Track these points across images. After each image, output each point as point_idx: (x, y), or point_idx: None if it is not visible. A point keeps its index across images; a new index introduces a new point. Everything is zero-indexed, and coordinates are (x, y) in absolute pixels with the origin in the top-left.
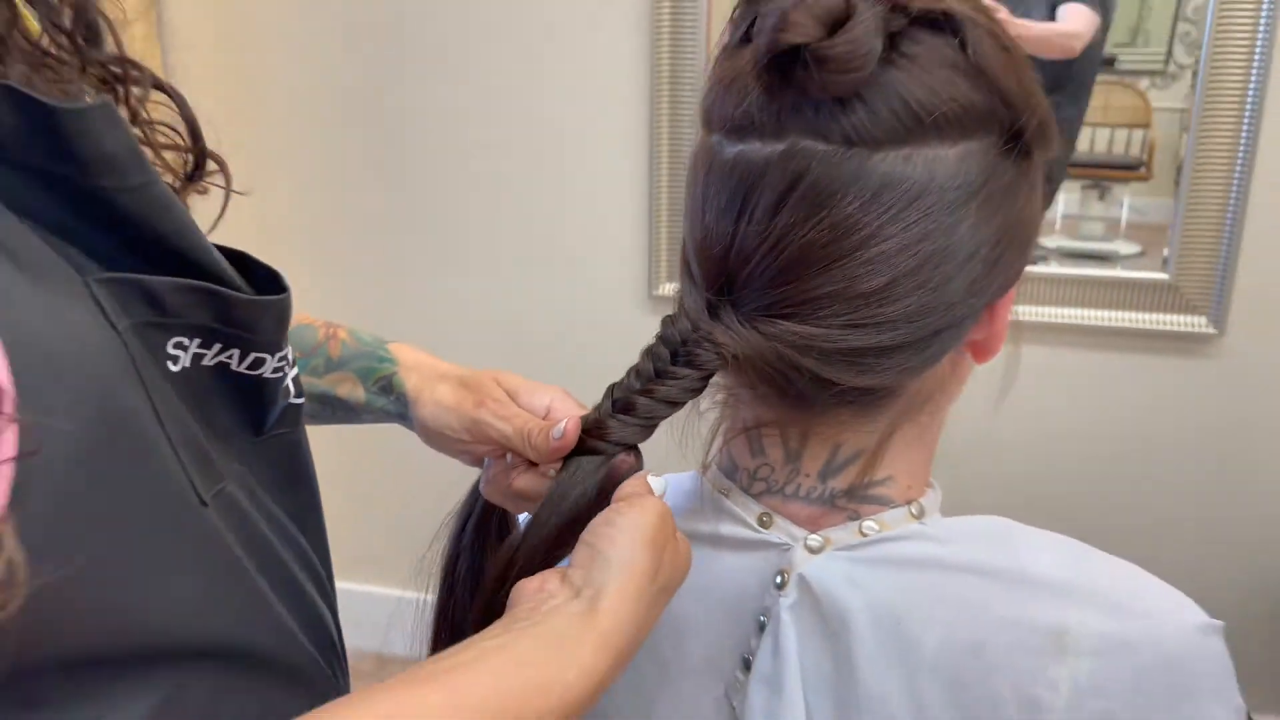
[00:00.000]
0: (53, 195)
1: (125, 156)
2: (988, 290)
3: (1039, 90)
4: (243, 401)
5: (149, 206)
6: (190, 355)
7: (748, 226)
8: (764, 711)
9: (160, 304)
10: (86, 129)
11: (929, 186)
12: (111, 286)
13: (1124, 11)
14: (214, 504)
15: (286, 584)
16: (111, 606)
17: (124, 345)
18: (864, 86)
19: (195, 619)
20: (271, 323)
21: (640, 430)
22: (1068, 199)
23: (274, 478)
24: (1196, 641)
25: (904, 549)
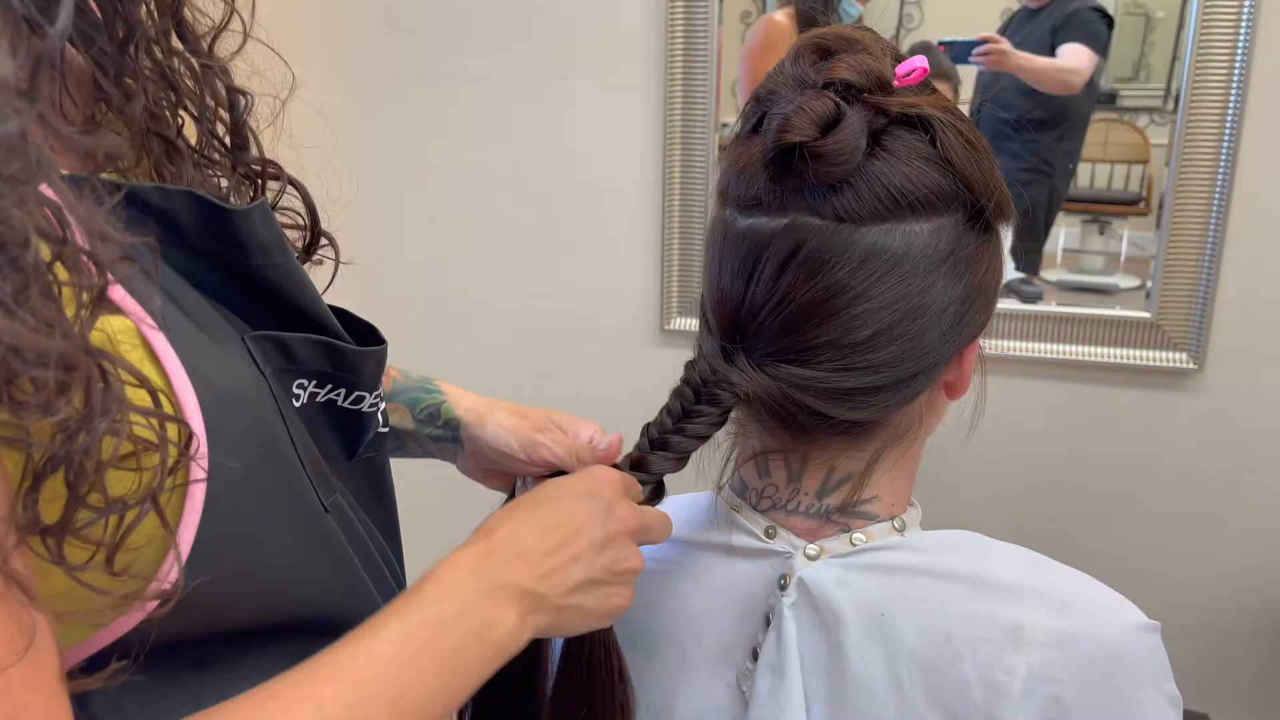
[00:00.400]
0: (216, 270)
1: (274, 243)
2: (956, 340)
3: (998, 175)
4: (343, 431)
5: (286, 279)
6: (308, 394)
7: (756, 287)
8: (769, 693)
9: (291, 354)
10: (250, 225)
11: (906, 255)
12: (260, 341)
13: (1127, 47)
14: (331, 510)
15: (383, 583)
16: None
17: (269, 386)
18: (852, 175)
19: (323, 598)
20: (372, 367)
21: (676, 463)
22: (1068, 233)
23: (364, 494)
24: (1134, 637)
25: (887, 557)
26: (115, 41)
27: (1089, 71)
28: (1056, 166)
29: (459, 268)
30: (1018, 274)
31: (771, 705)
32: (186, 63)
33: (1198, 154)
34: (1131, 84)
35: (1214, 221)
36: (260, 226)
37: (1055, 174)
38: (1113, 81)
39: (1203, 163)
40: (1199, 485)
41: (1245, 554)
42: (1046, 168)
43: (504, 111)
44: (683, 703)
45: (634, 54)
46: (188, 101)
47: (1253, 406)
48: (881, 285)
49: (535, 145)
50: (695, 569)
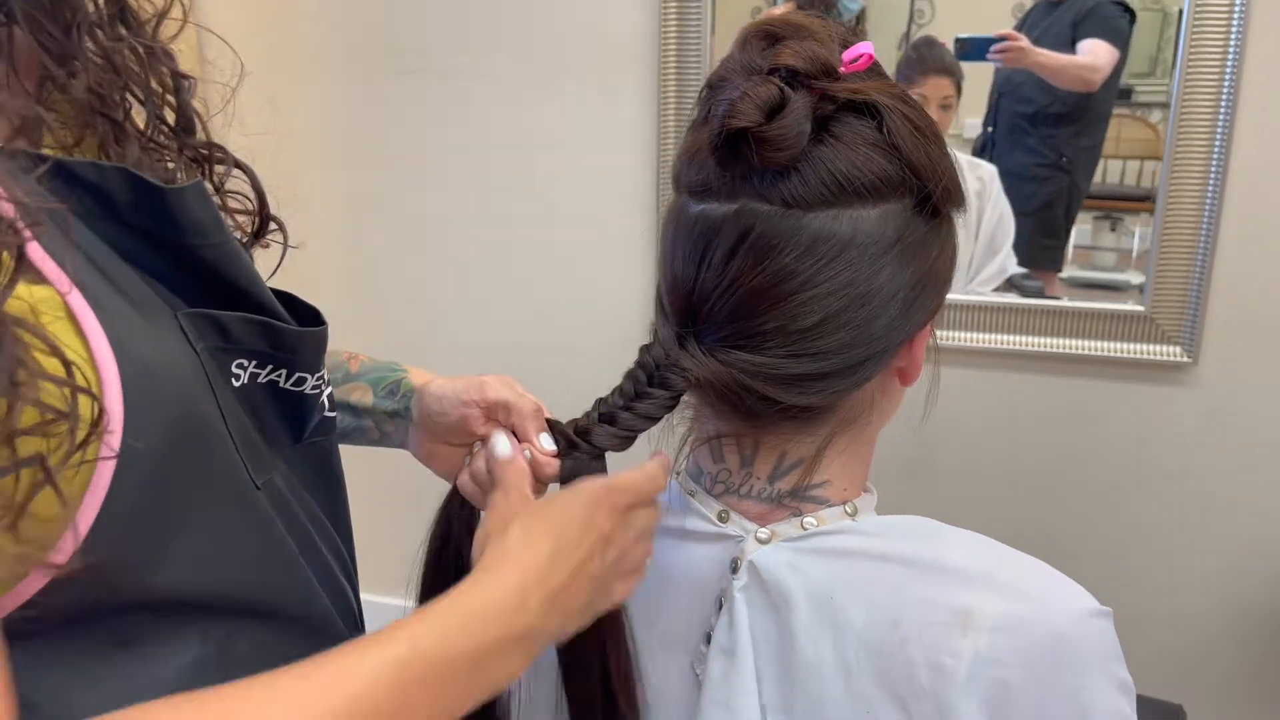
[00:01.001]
0: (151, 247)
1: (210, 222)
2: (906, 326)
3: (947, 161)
4: (287, 412)
5: (224, 258)
6: (248, 374)
7: (707, 272)
8: (721, 676)
9: (227, 333)
10: (183, 203)
11: (853, 240)
12: (193, 318)
13: (1144, 42)
14: (265, 489)
15: (320, 566)
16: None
17: (201, 363)
18: (799, 160)
19: (251, 578)
20: (311, 349)
21: (621, 440)
22: (1079, 230)
23: (310, 478)
24: (1083, 622)
25: (837, 541)
26: (60, 25)
27: (1109, 68)
28: (1076, 162)
29: (452, 266)
30: (1019, 269)
31: (724, 687)
32: (132, 47)
33: (1191, 148)
34: (1148, 79)
35: (1207, 215)
36: (195, 205)
37: (1075, 170)
38: (1129, 77)
39: (1196, 156)
40: (1192, 479)
41: (1237, 548)
42: (1065, 163)
43: (497, 111)
44: (639, 686)
45: (628, 53)
46: (133, 85)
47: (1246, 400)
48: (829, 271)
49: (529, 145)
50: None
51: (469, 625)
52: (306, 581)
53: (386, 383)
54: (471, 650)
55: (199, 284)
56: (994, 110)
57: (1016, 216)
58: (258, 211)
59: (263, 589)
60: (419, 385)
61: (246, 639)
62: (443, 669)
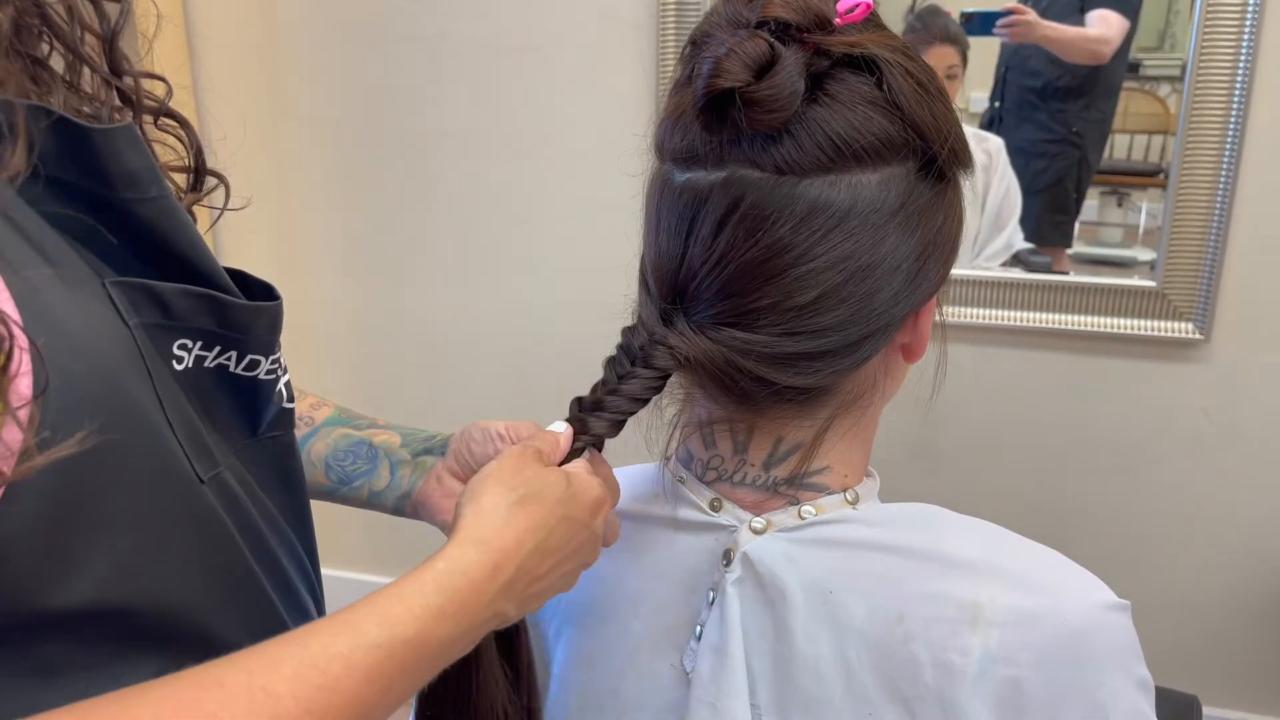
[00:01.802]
0: (78, 206)
1: (144, 172)
2: (910, 300)
3: (952, 119)
4: (240, 402)
5: (161, 216)
6: (193, 356)
7: (694, 246)
8: (710, 675)
9: (167, 308)
10: (114, 148)
11: (853, 209)
12: (124, 289)
13: (1152, 16)
14: (210, 485)
15: (276, 573)
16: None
17: (134, 339)
18: (792, 122)
19: (192, 586)
20: (265, 327)
21: (612, 426)
22: (1086, 206)
23: (268, 477)
24: (1100, 616)
25: (837, 531)
26: None
27: (1119, 40)
28: (1086, 136)
29: (444, 236)
30: (1026, 244)
31: (712, 687)
32: None
33: (1206, 122)
34: (1155, 54)
35: (1222, 191)
36: (127, 151)
37: (1085, 144)
38: (1137, 51)
39: (1211, 131)
40: (1203, 457)
41: (1252, 530)
42: (1075, 137)
43: (492, 77)
44: (627, 684)
45: (625, 19)
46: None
47: (1258, 378)
48: (826, 243)
49: (524, 112)
50: (639, 544)
51: (447, 610)
52: (263, 596)
53: (421, 435)
54: (446, 638)
55: (133, 249)
56: (1001, 84)
57: (1026, 194)
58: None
59: (209, 602)
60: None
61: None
62: (419, 655)
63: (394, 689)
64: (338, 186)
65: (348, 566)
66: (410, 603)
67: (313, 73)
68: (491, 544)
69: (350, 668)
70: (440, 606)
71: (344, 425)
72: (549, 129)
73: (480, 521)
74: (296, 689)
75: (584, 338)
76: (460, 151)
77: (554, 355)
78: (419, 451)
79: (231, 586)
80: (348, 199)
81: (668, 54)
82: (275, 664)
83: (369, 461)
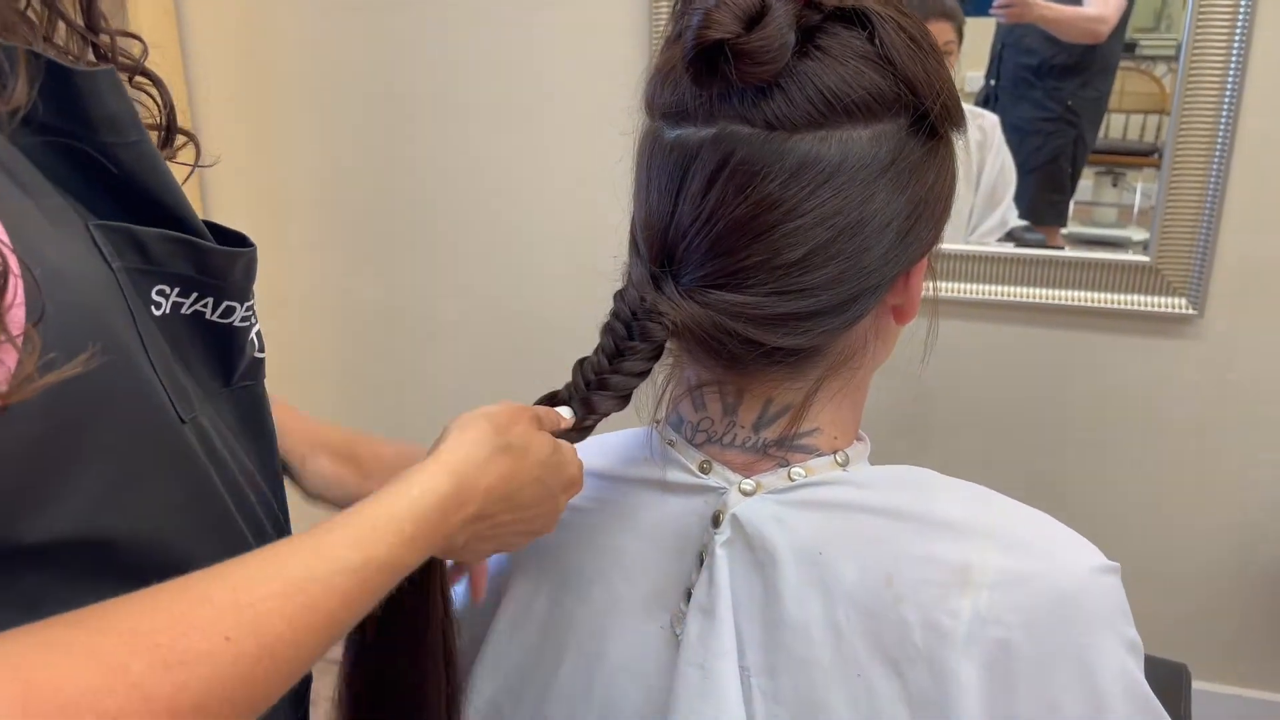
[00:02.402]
0: (58, 151)
1: (125, 116)
2: (902, 259)
3: (945, 76)
4: (215, 349)
5: (141, 161)
6: (170, 303)
7: (684, 204)
8: (698, 637)
9: (146, 252)
10: (96, 89)
11: (843, 164)
12: (107, 231)
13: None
14: (190, 426)
15: (255, 525)
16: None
17: (117, 281)
18: (782, 76)
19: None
20: (240, 272)
21: (619, 401)
22: (1081, 185)
23: (241, 425)
24: (1090, 578)
25: (826, 493)
26: None
27: (1116, 18)
28: (1082, 114)
29: (434, 202)
30: (1020, 221)
31: (700, 649)
32: None
33: (1201, 98)
34: (1152, 34)
35: (1216, 165)
36: (109, 94)
37: (1081, 122)
38: (1133, 31)
39: (1206, 106)
40: (1196, 433)
41: (1242, 503)
42: (1071, 116)
43: (482, 41)
44: (615, 646)
45: None
46: None
47: (1252, 354)
48: (816, 198)
49: (514, 77)
50: (629, 506)
51: (417, 537)
52: (241, 538)
53: None
54: (412, 562)
55: (113, 195)
56: (997, 62)
57: (1021, 172)
58: (165, 126)
59: (188, 537)
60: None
61: None
62: (388, 579)
63: (363, 610)
64: (315, 152)
65: None
66: (384, 529)
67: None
68: (466, 479)
69: (329, 590)
70: (412, 534)
71: None
72: (540, 93)
73: (461, 454)
74: (282, 606)
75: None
76: (448, 117)
77: (545, 323)
78: None
79: (211, 524)
80: (328, 164)
81: (660, 15)
82: (260, 582)
83: None
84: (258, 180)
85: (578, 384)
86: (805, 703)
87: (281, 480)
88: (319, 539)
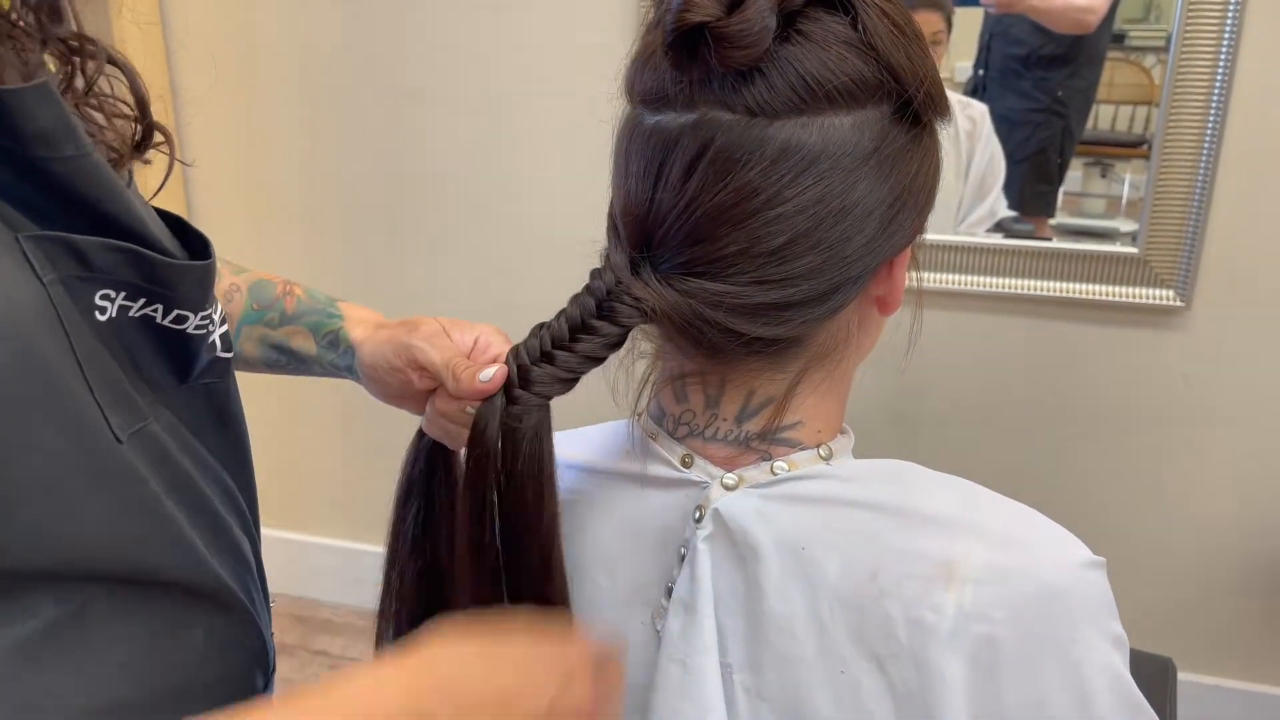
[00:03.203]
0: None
1: (59, 131)
2: (885, 248)
3: (929, 63)
4: (169, 353)
5: (79, 175)
6: (117, 306)
7: (663, 191)
8: (680, 632)
9: (87, 260)
10: (22, 107)
11: (824, 152)
12: (41, 243)
13: None
14: (131, 441)
15: (206, 516)
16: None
17: (49, 297)
18: (764, 61)
19: (113, 543)
20: (193, 285)
21: (563, 384)
22: (1069, 176)
23: (202, 422)
24: (1076, 574)
25: (810, 487)
26: None
27: (1105, 8)
28: (1070, 105)
29: (423, 194)
30: (1009, 212)
31: (682, 645)
32: None
33: (1190, 90)
34: (1140, 25)
35: (1205, 158)
36: (38, 110)
37: (1068, 113)
38: (1122, 22)
39: (1195, 99)
40: (1182, 425)
41: (1227, 497)
42: (1059, 106)
43: (470, 31)
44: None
45: None
46: None
47: (1238, 345)
48: (797, 186)
49: (500, 66)
50: (609, 500)
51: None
52: (185, 544)
53: (326, 331)
54: None
55: (53, 204)
56: (985, 52)
57: (1009, 162)
58: (138, 118)
59: (129, 553)
60: (356, 341)
61: (107, 602)
62: None
63: None
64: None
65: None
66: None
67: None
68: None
69: None
70: None
71: (259, 324)
72: (529, 83)
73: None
74: None
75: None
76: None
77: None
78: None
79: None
80: (322, 161)
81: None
82: None
83: (299, 363)
84: (244, 176)
85: (530, 349)
86: (789, 699)
87: (250, 470)
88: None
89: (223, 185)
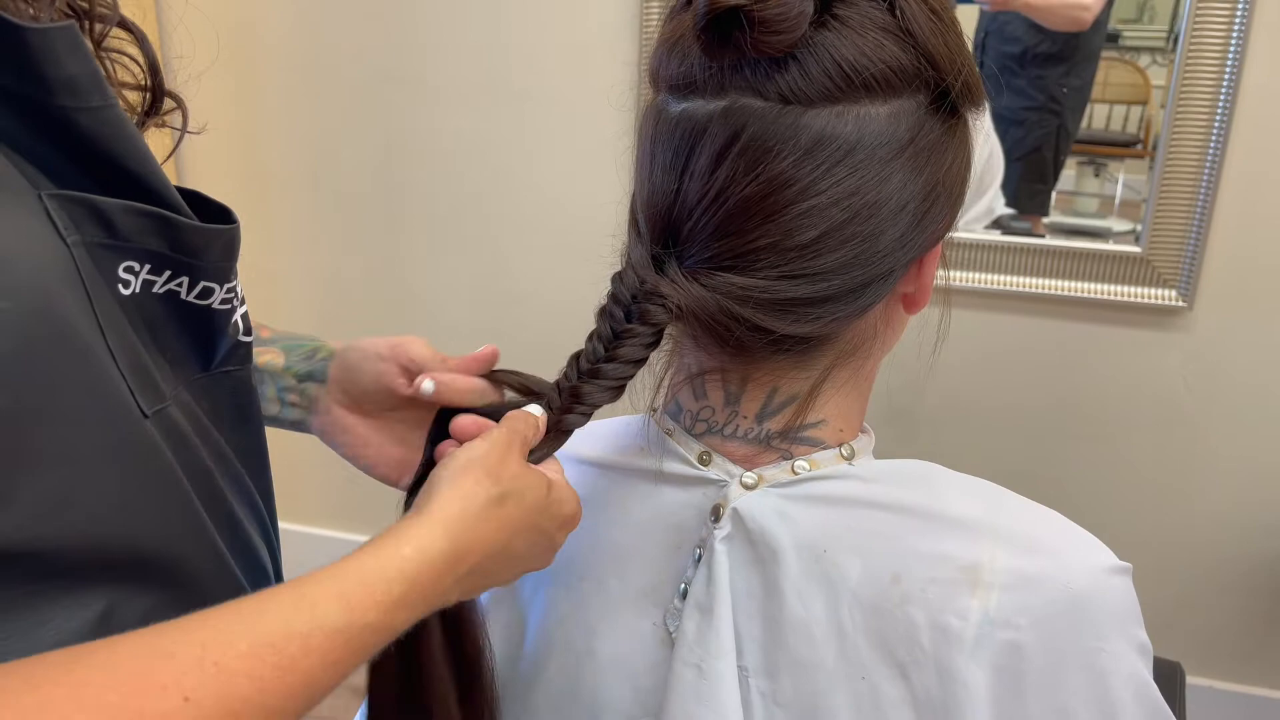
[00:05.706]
0: (12, 111)
1: (86, 79)
2: (916, 243)
3: (966, 52)
4: (193, 331)
5: (105, 127)
6: (141, 281)
7: (690, 182)
8: (695, 635)
9: (111, 226)
10: (50, 48)
11: (860, 143)
12: (64, 202)
13: None
14: (155, 419)
15: (223, 514)
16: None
17: (72, 259)
18: (798, 47)
19: (131, 519)
20: (219, 252)
21: (613, 392)
22: (1063, 175)
23: (222, 414)
24: (1102, 580)
25: (832, 487)
26: None
27: (1100, 5)
28: (1065, 104)
29: (421, 181)
30: (1008, 210)
31: (697, 648)
32: None
33: (1196, 91)
34: (1135, 25)
35: (1210, 160)
36: (65, 54)
37: (1064, 111)
38: (1116, 22)
39: (1201, 100)
40: (1185, 426)
41: (1231, 498)
42: (1054, 105)
43: (472, 19)
44: (605, 643)
45: None
46: None
47: (1240, 346)
48: (831, 177)
49: (500, 55)
50: (622, 497)
51: (408, 598)
52: (208, 538)
53: (304, 349)
54: (403, 623)
55: (76, 162)
56: (980, 50)
57: (1006, 161)
58: (149, 86)
59: (151, 541)
60: (339, 349)
61: (137, 606)
62: (375, 640)
63: (347, 671)
64: (309, 132)
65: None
66: (374, 588)
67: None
68: (462, 537)
69: (308, 650)
70: (403, 594)
71: None
72: (530, 71)
73: (456, 509)
74: (251, 666)
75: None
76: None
77: (532, 303)
78: (303, 375)
79: (169, 519)
80: (320, 146)
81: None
82: (230, 639)
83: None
84: (240, 157)
85: (570, 375)
86: (807, 705)
87: (267, 468)
88: (301, 591)
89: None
